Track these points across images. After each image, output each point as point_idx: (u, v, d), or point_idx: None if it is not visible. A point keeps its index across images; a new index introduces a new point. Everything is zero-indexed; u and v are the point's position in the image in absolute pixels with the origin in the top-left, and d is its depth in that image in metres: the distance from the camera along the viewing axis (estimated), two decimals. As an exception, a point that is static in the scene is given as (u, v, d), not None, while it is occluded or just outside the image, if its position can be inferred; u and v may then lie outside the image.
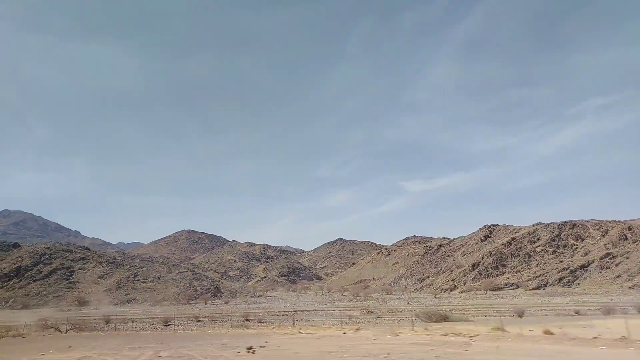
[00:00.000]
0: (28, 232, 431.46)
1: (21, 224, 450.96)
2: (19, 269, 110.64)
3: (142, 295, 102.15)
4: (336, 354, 15.47)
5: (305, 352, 16.15)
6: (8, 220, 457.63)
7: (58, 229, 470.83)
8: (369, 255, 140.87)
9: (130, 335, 28.59)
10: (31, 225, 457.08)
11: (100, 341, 23.66)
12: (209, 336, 25.94)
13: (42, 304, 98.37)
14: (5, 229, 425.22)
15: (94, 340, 24.16)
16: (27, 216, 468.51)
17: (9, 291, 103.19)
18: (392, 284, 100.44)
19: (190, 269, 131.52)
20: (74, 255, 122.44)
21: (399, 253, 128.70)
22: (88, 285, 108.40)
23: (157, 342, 22.81)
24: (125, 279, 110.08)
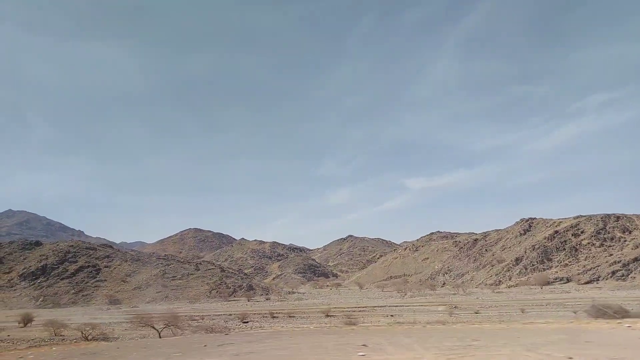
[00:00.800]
0: (32, 232, 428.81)
1: (25, 224, 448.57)
2: (44, 268, 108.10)
3: (174, 293, 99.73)
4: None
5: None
6: (12, 220, 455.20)
7: (62, 229, 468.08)
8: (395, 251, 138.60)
9: (262, 334, 25.20)
10: (35, 225, 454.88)
11: (236, 341, 21.01)
12: (383, 334, 23.08)
13: (72, 302, 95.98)
14: (9, 229, 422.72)
15: (228, 340, 21.46)
16: (31, 216, 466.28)
17: (37, 289, 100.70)
18: (429, 279, 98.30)
19: (218, 266, 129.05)
20: (98, 253, 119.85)
21: (427, 249, 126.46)
22: (116, 283, 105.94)
23: (339, 335, 20.14)
24: (154, 276, 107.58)
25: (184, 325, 31.38)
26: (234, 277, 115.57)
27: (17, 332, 39.69)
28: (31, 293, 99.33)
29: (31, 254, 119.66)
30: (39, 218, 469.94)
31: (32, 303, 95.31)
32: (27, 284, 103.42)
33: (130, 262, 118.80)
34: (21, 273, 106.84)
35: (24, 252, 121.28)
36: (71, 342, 28.51)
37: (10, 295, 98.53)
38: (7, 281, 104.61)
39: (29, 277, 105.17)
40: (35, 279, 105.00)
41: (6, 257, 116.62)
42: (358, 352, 13.99)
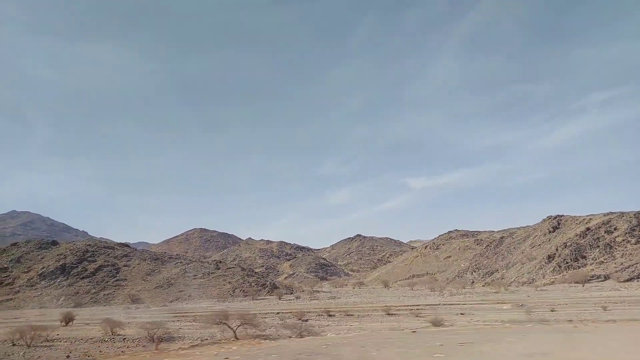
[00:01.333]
0: (36, 232, 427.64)
1: (29, 225, 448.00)
2: (64, 267, 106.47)
3: (197, 292, 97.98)
4: None
5: None
6: (16, 221, 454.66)
7: (66, 229, 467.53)
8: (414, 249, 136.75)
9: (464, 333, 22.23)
10: (39, 226, 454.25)
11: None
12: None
13: (94, 302, 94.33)
14: (13, 229, 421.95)
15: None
16: (35, 217, 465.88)
17: (57, 289, 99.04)
18: (456, 277, 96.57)
19: (238, 265, 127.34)
20: (116, 252, 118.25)
21: (447, 247, 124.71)
22: (136, 282, 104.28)
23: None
24: (175, 275, 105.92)
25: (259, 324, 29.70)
26: (255, 276, 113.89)
27: (65, 331, 37.98)
28: (52, 292, 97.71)
29: (48, 253, 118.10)
30: (43, 219, 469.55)
31: (53, 302, 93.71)
32: (47, 283, 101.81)
33: (149, 261, 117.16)
34: (40, 272, 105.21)
35: (41, 251, 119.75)
36: (221, 341, 26.67)
37: (31, 295, 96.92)
38: (26, 280, 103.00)
39: (49, 277, 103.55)
40: (55, 278, 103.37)
41: (24, 257, 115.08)
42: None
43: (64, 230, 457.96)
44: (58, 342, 32.05)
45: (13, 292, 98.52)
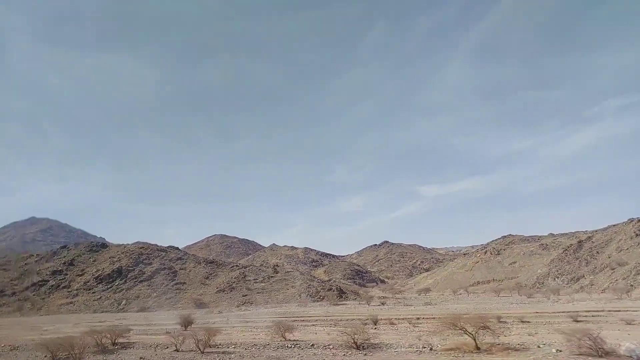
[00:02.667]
0: (55, 239, 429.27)
1: (48, 231, 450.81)
2: (120, 270, 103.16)
3: (261, 297, 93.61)
4: None
5: None
6: (36, 227, 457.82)
7: (84, 236, 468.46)
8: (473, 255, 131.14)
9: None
10: (58, 232, 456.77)
11: None
12: None
13: (158, 306, 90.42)
14: (33, 235, 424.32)
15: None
16: (54, 223, 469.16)
17: (116, 292, 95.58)
18: (536, 284, 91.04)
19: (295, 269, 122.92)
20: (170, 255, 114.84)
21: (510, 252, 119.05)
22: (196, 286, 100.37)
23: None
24: (234, 279, 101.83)
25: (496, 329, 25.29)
26: (314, 280, 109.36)
27: (225, 336, 33.78)
28: (111, 296, 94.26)
29: (100, 256, 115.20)
30: (61, 225, 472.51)
31: (115, 306, 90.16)
32: (104, 286, 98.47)
33: (204, 264, 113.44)
34: (97, 275, 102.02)
35: (92, 254, 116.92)
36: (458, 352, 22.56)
37: (89, 298, 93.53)
38: (82, 284, 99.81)
39: (105, 280, 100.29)
40: (112, 281, 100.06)
41: (76, 259, 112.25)
42: None
43: (81, 237, 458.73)
44: (233, 348, 27.94)
45: (71, 295, 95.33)
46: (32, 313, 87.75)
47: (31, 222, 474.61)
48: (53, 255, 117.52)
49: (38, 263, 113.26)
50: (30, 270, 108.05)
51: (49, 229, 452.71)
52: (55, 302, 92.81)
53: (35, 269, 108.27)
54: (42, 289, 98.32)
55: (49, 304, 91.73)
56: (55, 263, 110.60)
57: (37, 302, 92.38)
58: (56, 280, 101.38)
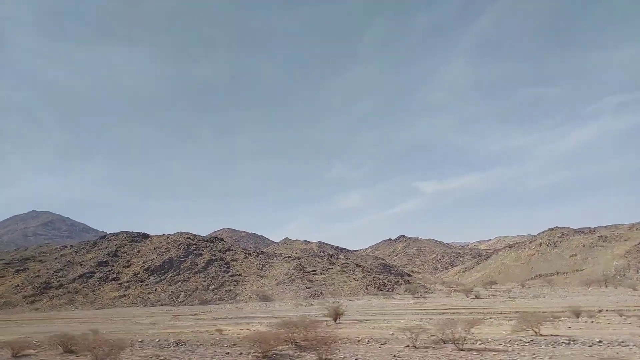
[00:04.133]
0: (57, 232, 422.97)
1: (50, 225, 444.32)
2: (171, 261, 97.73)
3: (325, 288, 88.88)
4: None
5: None
6: (37, 221, 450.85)
7: (85, 230, 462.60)
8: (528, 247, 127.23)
9: None
10: (60, 226, 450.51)
11: None
12: None
13: (219, 298, 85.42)
14: (35, 229, 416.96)
15: None
16: (55, 217, 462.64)
17: (171, 284, 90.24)
18: (616, 276, 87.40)
19: (351, 259, 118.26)
20: (217, 246, 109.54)
21: (567, 244, 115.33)
22: (252, 278, 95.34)
23: None
24: (292, 271, 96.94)
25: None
26: (373, 272, 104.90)
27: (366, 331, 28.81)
28: (167, 288, 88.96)
29: (143, 247, 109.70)
30: (63, 219, 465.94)
31: (173, 299, 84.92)
32: (156, 278, 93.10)
33: (255, 256, 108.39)
34: (146, 267, 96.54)
35: (134, 244, 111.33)
36: None
37: (144, 291, 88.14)
38: (132, 275, 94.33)
39: (157, 271, 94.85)
40: (164, 273, 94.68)
41: (119, 250, 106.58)
42: None
43: (83, 230, 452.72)
44: (483, 345, 23.03)
45: (123, 288, 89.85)
46: (86, 306, 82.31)
47: (32, 216, 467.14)
48: (93, 245, 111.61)
49: (78, 254, 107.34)
50: (72, 261, 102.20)
51: (50, 223, 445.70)
52: (106, 294, 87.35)
53: (77, 260, 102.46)
54: (89, 281, 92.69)
55: (101, 296, 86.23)
56: (98, 254, 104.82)
57: (89, 295, 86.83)
58: (103, 271, 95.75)
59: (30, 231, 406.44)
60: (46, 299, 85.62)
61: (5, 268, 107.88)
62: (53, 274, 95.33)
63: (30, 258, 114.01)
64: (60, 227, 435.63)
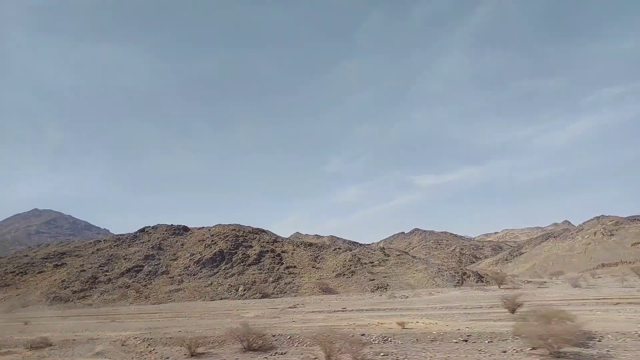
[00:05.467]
0: (60, 230, 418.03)
1: (52, 223, 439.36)
2: (222, 254, 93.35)
3: (390, 281, 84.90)
4: None
5: None
6: (39, 219, 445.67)
7: (88, 227, 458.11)
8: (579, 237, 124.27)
9: None
10: (62, 224, 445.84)
11: None
12: None
13: (280, 292, 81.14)
14: (38, 227, 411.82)
15: None
16: (57, 215, 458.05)
17: (227, 277, 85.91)
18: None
19: (404, 252, 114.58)
20: (265, 238, 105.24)
21: (624, 233, 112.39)
22: (308, 270, 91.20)
23: None
24: (349, 263, 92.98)
25: None
26: (432, 265, 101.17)
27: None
28: (223, 281, 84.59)
29: (187, 240, 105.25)
30: (65, 217, 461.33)
31: (232, 293, 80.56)
32: (209, 271, 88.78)
33: (303, 247, 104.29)
34: (197, 260, 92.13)
35: (176, 237, 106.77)
36: None
37: (199, 284, 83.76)
38: (183, 269, 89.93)
39: (209, 264, 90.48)
40: (216, 265, 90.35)
41: (163, 243, 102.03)
42: None
43: (85, 228, 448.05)
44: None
45: (175, 282, 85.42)
46: (140, 301, 77.84)
47: (34, 214, 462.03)
48: (134, 239, 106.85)
49: (119, 247, 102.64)
50: (115, 255, 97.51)
51: (52, 221, 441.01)
52: (159, 288, 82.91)
53: (120, 254, 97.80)
54: (138, 275, 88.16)
55: (155, 291, 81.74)
56: (141, 247, 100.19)
57: (142, 290, 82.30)
58: (151, 265, 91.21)
59: (33, 229, 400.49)
60: (97, 294, 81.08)
61: (43, 263, 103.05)
62: (98, 269, 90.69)
63: (66, 253, 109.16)
64: (63, 225, 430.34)
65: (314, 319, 35.70)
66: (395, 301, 53.27)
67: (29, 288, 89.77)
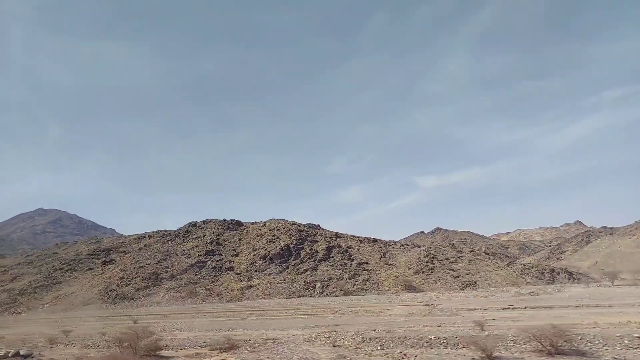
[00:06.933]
0: (66, 229, 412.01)
1: (58, 222, 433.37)
2: (289, 249, 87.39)
3: (474, 278, 79.22)
4: None
5: None
6: (45, 218, 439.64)
7: (94, 227, 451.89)
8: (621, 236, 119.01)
9: None
10: (68, 224, 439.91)
11: None
12: None
13: (362, 289, 75.35)
14: (44, 227, 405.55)
15: None
16: (62, 214, 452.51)
17: (299, 274, 79.96)
18: None
19: (479, 250, 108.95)
20: (326, 234, 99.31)
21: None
22: (382, 267, 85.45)
23: None
24: (424, 259, 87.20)
25: None
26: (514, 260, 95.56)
27: None
28: (297, 278, 78.65)
29: (244, 235, 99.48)
30: (70, 216, 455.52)
31: (310, 290, 74.67)
32: (277, 267, 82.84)
33: (367, 243, 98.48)
34: (262, 255, 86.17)
35: (232, 232, 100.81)
36: None
37: (271, 281, 77.88)
38: (249, 264, 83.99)
39: (276, 260, 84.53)
40: (284, 261, 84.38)
41: (220, 238, 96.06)
42: None
43: (92, 227, 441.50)
44: None
45: (245, 278, 79.44)
46: (212, 298, 71.88)
47: (39, 214, 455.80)
48: (187, 234, 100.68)
49: (173, 243, 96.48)
50: (172, 251, 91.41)
51: (58, 220, 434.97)
52: (229, 285, 76.96)
53: (177, 250, 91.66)
54: (202, 272, 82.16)
55: (225, 288, 75.72)
56: (198, 243, 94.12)
57: (211, 287, 76.29)
58: (214, 261, 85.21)
59: (39, 229, 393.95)
60: (162, 292, 75.02)
61: (89, 259, 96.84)
62: (157, 265, 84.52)
63: (112, 249, 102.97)
64: (69, 225, 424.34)
65: (509, 317, 29.93)
66: (536, 299, 47.52)
67: (82, 285, 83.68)
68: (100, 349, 26.24)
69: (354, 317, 36.13)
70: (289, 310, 46.73)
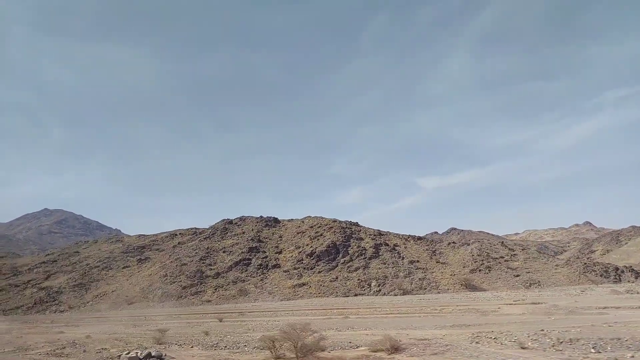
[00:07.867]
0: (72, 230, 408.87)
1: (64, 223, 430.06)
2: (335, 247, 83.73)
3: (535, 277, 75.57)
4: None
5: None
6: (50, 219, 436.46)
7: (99, 228, 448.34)
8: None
9: None
10: (74, 224, 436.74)
11: None
12: None
13: (420, 288, 71.70)
14: (50, 227, 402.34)
15: None
16: (68, 215, 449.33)
17: (351, 272, 76.33)
18: None
19: (530, 247, 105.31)
20: (369, 231, 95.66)
21: None
22: (434, 265, 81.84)
23: None
24: (477, 257, 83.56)
25: None
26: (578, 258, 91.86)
27: None
28: (350, 276, 75.01)
29: (284, 232, 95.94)
30: (76, 217, 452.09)
31: (366, 289, 71.09)
32: (326, 265, 79.28)
33: (413, 241, 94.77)
34: (308, 252, 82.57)
35: (270, 228, 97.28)
36: None
37: (323, 279, 74.33)
38: (295, 262, 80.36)
39: (324, 257, 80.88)
40: (332, 259, 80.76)
41: (260, 235, 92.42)
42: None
43: (97, 228, 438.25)
44: None
45: (295, 276, 75.76)
46: (264, 297, 68.21)
47: (44, 214, 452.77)
48: (224, 231, 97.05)
49: (210, 240, 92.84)
50: (211, 248, 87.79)
51: (64, 221, 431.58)
52: (279, 283, 73.30)
53: (218, 247, 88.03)
54: (248, 269, 78.53)
55: (276, 286, 72.04)
56: (239, 240, 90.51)
57: (261, 285, 72.62)
58: (259, 258, 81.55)
59: (45, 229, 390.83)
60: (210, 290, 71.38)
61: (124, 257, 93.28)
62: (200, 262, 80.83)
63: (146, 247, 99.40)
64: (75, 225, 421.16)
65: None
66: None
67: (121, 283, 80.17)
68: (232, 350, 22.51)
69: (481, 316, 32.50)
70: (377, 310, 43.08)
